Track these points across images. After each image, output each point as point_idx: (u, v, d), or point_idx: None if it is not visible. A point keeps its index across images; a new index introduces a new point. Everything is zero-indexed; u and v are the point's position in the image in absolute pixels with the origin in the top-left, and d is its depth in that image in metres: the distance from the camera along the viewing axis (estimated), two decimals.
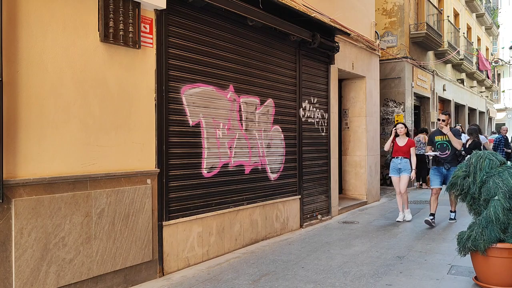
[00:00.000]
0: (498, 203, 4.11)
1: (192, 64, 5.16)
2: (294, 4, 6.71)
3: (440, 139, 7.23)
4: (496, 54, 31.52)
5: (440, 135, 7.25)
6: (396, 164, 7.61)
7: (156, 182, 4.63)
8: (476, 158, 4.44)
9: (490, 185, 4.23)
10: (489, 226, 4.08)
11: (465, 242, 4.20)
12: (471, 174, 4.42)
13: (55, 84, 3.73)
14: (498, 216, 4.07)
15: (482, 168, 4.36)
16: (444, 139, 7.18)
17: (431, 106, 15.34)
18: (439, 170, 7.18)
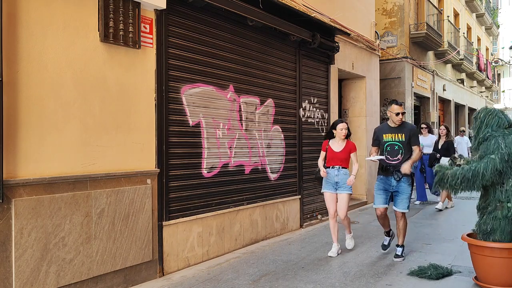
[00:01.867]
0: (491, 161, 3.98)
1: (192, 64, 5.15)
2: (294, 4, 6.71)
3: (391, 139, 5.21)
4: (496, 54, 31.51)
5: (391, 133, 5.24)
6: (332, 176, 5.42)
7: (156, 182, 4.63)
8: (485, 113, 4.25)
9: (491, 143, 4.08)
10: (473, 179, 4.02)
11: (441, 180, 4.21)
12: (475, 129, 4.27)
13: (55, 84, 3.73)
14: (485, 173, 3.96)
15: (489, 124, 4.18)
16: (397, 138, 5.17)
17: (431, 106, 15.34)
18: (386, 182, 5.19)
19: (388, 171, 5.15)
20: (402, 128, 5.19)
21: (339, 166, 5.39)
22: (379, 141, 5.31)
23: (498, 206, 4.10)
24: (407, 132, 5.16)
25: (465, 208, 8.91)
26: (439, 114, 16.99)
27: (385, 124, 5.38)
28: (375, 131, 5.41)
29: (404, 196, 5.13)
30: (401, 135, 5.15)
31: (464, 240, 4.35)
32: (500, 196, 4.08)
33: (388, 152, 5.17)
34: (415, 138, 5.22)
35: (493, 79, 26.85)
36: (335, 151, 5.43)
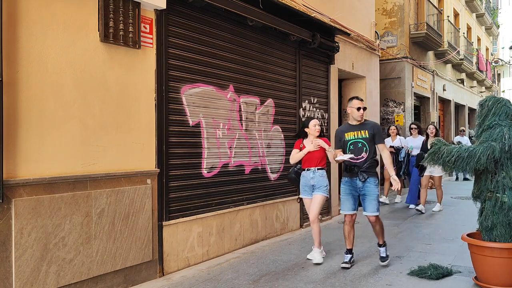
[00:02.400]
0: (490, 147, 3.94)
1: (192, 64, 5.16)
2: (294, 4, 6.71)
3: (353, 137, 4.87)
4: (496, 54, 31.51)
5: (353, 131, 4.89)
6: (307, 179, 5.13)
7: (156, 182, 4.63)
8: (494, 101, 4.19)
9: (496, 131, 4.03)
10: (467, 160, 3.98)
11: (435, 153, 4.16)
12: (480, 116, 4.21)
13: (55, 84, 3.73)
14: (481, 157, 3.92)
15: (496, 113, 4.12)
16: (359, 135, 4.85)
17: (431, 106, 15.34)
18: (352, 184, 4.85)
19: (352, 172, 4.77)
20: (365, 125, 4.91)
21: (315, 168, 5.08)
22: (340, 140, 4.95)
23: (488, 195, 4.11)
24: (370, 128, 4.85)
25: (465, 208, 8.91)
26: (439, 114, 16.99)
27: (346, 124, 5.13)
28: (336, 133, 5.08)
29: (372, 197, 4.77)
30: (364, 132, 4.83)
31: (464, 240, 4.35)
32: (489, 185, 4.08)
33: (351, 151, 4.84)
34: (379, 135, 4.90)
35: (493, 79, 26.86)
36: (311, 151, 5.11)
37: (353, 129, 4.90)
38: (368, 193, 4.79)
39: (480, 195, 4.20)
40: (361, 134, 4.85)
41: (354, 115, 4.90)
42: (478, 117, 4.30)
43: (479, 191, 4.21)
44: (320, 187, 5.10)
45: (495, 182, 4.06)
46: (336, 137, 5.06)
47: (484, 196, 4.15)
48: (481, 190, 4.18)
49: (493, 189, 4.06)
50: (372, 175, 4.79)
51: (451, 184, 14.47)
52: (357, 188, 4.81)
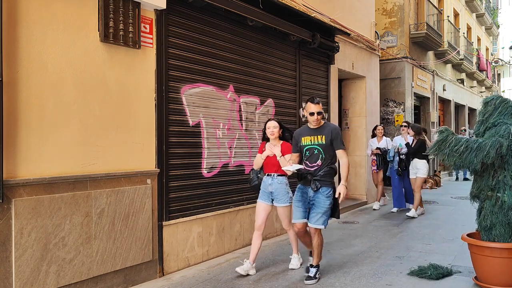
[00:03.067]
0: (498, 142, 3.90)
1: (192, 64, 5.16)
2: (294, 4, 6.71)
3: (309, 142, 4.46)
4: (496, 54, 31.51)
5: (310, 135, 4.47)
6: (266, 185, 4.73)
7: (156, 182, 4.63)
8: (500, 100, 4.20)
9: (501, 128, 4.03)
10: (476, 151, 3.91)
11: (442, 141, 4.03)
12: (485, 113, 4.18)
13: (55, 84, 3.73)
14: (490, 151, 3.86)
15: (502, 112, 4.12)
16: (316, 141, 4.43)
17: (431, 106, 15.34)
18: (304, 191, 4.48)
19: (306, 180, 4.38)
20: (322, 129, 4.44)
21: (274, 174, 4.68)
22: (297, 145, 4.54)
23: (488, 195, 4.10)
24: (327, 133, 4.40)
25: (465, 208, 8.90)
26: (439, 114, 16.99)
27: (305, 126, 4.61)
28: (294, 136, 4.63)
29: (320, 210, 4.33)
30: (321, 137, 4.39)
31: (464, 240, 4.35)
32: (491, 183, 4.07)
33: (307, 158, 4.44)
34: (338, 140, 4.40)
35: (493, 79, 26.86)
36: (270, 156, 4.71)
37: (310, 134, 4.47)
38: (317, 204, 4.35)
39: (480, 194, 4.20)
40: (318, 140, 4.41)
41: (309, 119, 4.46)
42: (481, 115, 4.27)
43: (479, 190, 4.20)
44: (278, 196, 4.67)
45: (496, 180, 4.06)
46: (293, 140, 4.61)
47: (484, 195, 4.15)
48: (480, 189, 4.18)
49: (494, 187, 4.06)
50: (326, 184, 4.33)
51: (451, 184, 14.48)
52: (308, 197, 4.42)
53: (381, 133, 9.03)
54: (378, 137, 9.04)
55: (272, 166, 4.71)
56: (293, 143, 4.60)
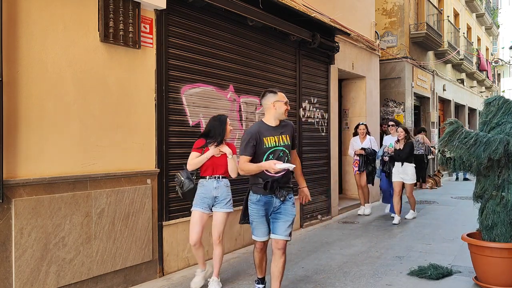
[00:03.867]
0: (505, 140, 3.87)
1: (192, 64, 5.15)
2: (294, 4, 6.71)
3: (274, 143, 3.69)
4: (496, 54, 31.52)
5: (273, 135, 3.70)
6: (210, 189, 4.14)
7: (156, 182, 4.63)
8: (503, 100, 4.20)
9: (506, 127, 4.03)
10: (485, 146, 3.85)
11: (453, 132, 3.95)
12: (489, 113, 4.18)
13: (55, 84, 3.73)
14: (499, 146, 3.82)
15: (506, 112, 4.12)
16: (281, 142, 3.71)
17: (431, 106, 15.34)
18: (267, 203, 3.70)
19: (271, 187, 3.57)
20: (284, 127, 3.75)
21: (218, 176, 4.17)
22: (258, 146, 3.61)
23: (493, 195, 4.09)
24: (289, 132, 3.76)
25: (465, 208, 8.91)
26: (439, 114, 16.99)
27: (261, 123, 3.74)
28: (249, 134, 3.64)
29: (289, 218, 3.67)
30: (285, 137, 3.70)
31: (464, 240, 4.35)
32: (497, 182, 4.06)
33: None
34: (295, 139, 3.90)
35: (493, 79, 26.86)
36: (215, 156, 4.18)
37: (273, 133, 3.66)
38: (284, 212, 3.66)
39: (484, 194, 4.18)
40: (283, 141, 3.68)
41: (279, 111, 3.65)
42: (484, 115, 4.25)
43: (483, 190, 4.19)
44: (223, 200, 4.18)
45: (502, 179, 4.05)
46: (247, 138, 3.61)
47: (488, 195, 4.14)
48: (484, 189, 4.16)
49: (500, 186, 4.05)
50: (290, 190, 3.73)
51: (451, 184, 14.48)
52: (272, 208, 3.67)
53: (363, 132, 8.34)
54: (360, 136, 8.36)
55: (219, 167, 4.17)
56: (247, 142, 3.58)
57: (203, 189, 4.16)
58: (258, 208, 3.68)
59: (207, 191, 4.15)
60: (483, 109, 4.34)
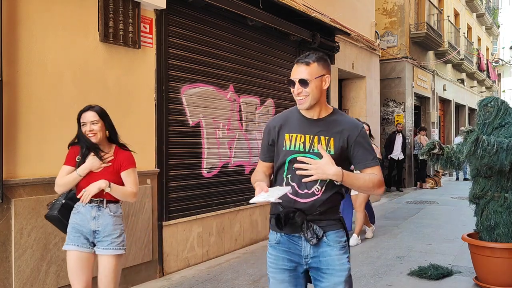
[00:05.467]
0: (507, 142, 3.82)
1: (192, 64, 5.15)
2: (294, 4, 6.71)
3: (300, 147, 2.12)
4: (496, 54, 31.51)
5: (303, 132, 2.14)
6: (86, 220, 2.84)
7: (156, 182, 4.63)
8: (501, 100, 4.19)
9: (508, 129, 4.01)
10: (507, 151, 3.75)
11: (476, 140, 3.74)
12: (490, 114, 4.15)
13: (55, 84, 3.73)
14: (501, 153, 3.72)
15: (507, 112, 4.11)
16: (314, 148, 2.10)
17: (432, 106, 15.33)
18: (291, 247, 2.14)
19: (292, 224, 2.08)
20: (330, 123, 2.15)
21: (101, 200, 2.83)
22: (273, 151, 2.22)
23: (495, 196, 4.08)
24: (341, 134, 2.13)
25: (465, 208, 8.89)
26: (439, 114, 16.99)
27: (294, 112, 2.22)
28: (267, 126, 2.28)
29: (338, 276, 2.17)
30: (325, 140, 2.12)
31: (465, 240, 4.35)
32: (505, 184, 4.03)
33: (292, 178, 2.13)
34: (364, 149, 2.15)
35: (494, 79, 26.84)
36: (93, 171, 2.84)
37: (305, 129, 2.15)
38: (328, 266, 2.13)
39: (485, 195, 4.16)
40: (317, 145, 2.10)
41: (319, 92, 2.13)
42: (482, 116, 4.23)
43: (483, 191, 4.17)
44: (108, 237, 2.83)
45: (511, 181, 4.03)
46: (264, 133, 2.29)
47: (490, 196, 4.12)
48: (485, 190, 4.15)
49: (508, 187, 4.03)
50: (333, 226, 2.14)
51: (451, 184, 14.47)
52: (302, 257, 2.14)
53: None
54: None
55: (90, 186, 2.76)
56: (263, 142, 2.29)
57: (78, 216, 2.84)
58: (277, 256, 2.15)
59: (83, 220, 2.82)
60: (479, 111, 4.33)
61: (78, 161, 2.87)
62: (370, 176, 2.10)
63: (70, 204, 2.90)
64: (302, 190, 2.11)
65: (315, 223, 2.10)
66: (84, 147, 2.88)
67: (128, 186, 2.93)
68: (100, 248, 2.85)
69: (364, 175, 2.11)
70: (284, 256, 2.15)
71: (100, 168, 2.87)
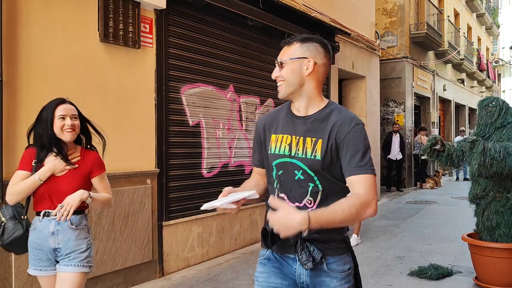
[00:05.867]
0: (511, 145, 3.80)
1: (192, 64, 5.15)
2: (294, 4, 6.71)
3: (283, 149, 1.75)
4: (496, 54, 31.52)
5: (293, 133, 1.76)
6: (45, 236, 2.38)
7: (156, 182, 4.63)
8: (502, 100, 4.19)
9: (511, 130, 4.01)
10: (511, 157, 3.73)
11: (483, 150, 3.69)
12: (492, 114, 4.14)
13: (55, 84, 3.72)
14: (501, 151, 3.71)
15: (508, 112, 4.10)
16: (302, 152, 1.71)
17: (432, 106, 15.33)
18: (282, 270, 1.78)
19: (283, 243, 1.70)
20: (323, 122, 1.73)
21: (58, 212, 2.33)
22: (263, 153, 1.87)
23: (497, 196, 4.07)
24: (330, 135, 1.70)
25: (465, 208, 8.89)
26: (440, 114, 16.99)
27: (287, 108, 1.85)
28: (256, 126, 1.94)
29: None
30: (311, 141, 1.72)
31: (465, 241, 4.35)
32: (507, 184, 4.03)
33: (280, 188, 1.78)
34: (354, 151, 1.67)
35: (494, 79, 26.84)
36: (56, 175, 2.41)
37: (291, 129, 1.79)
38: None
39: (486, 195, 4.16)
40: (304, 149, 1.72)
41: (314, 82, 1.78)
42: (484, 117, 4.22)
43: (485, 192, 4.17)
44: (71, 253, 2.40)
45: None
46: (256, 135, 1.94)
47: (491, 196, 4.11)
48: (487, 191, 4.14)
49: (510, 188, 4.03)
50: (335, 251, 1.76)
51: (451, 184, 14.47)
52: (297, 283, 1.78)
53: None
54: None
55: (62, 196, 2.37)
56: (254, 141, 1.95)
57: (35, 234, 2.41)
58: (267, 273, 1.80)
59: (40, 238, 2.39)
60: (480, 111, 4.32)
61: (35, 165, 2.39)
62: (348, 202, 1.58)
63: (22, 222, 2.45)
64: (293, 202, 1.73)
65: (312, 244, 1.69)
66: (44, 148, 2.41)
67: (103, 193, 2.60)
68: (61, 264, 2.40)
69: (341, 204, 1.57)
70: (276, 273, 1.78)
71: (64, 171, 2.42)
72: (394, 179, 12.24)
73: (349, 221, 1.65)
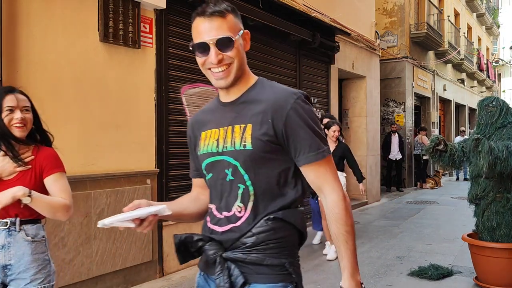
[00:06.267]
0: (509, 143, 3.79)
1: (192, 64, 5.14)
2: (294, 4, 6.71)
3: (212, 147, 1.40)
4: (496, 54, 31.52)
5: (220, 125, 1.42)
6: None
7: (156, 182, 4.63)
8: (502, 100, 4.19)
9: (511, 130, 4.00)
10: None
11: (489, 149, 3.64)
12: (492, 114, 4.13)
13: (55, 84, 3.72)
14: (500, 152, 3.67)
15: (509, 112, 4.10)
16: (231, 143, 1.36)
17: (432, 106, 15.33)
18: None
19: (207, 259, 1.41)
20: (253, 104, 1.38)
21: (10, 221, 1.98)
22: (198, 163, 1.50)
23: (498, 196, 4.07)
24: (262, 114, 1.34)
25: (465, 208, 8.88)
26: (440, 114, 16.99)
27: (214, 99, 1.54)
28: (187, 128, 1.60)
29: None
30: (240, 128, 1.36)
31: (465, 241, 4.34)
32: (508, 185, 4.02)
33: (211, 194, 1.47)
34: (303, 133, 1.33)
35: (493, 79, 26.85)
36: (3, 179, 2.03)
37: (218, 118, 1.45)
38: None
39: (486, 196, 4.15)
40: (233, 139, 1.36)
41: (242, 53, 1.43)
42: (484, 117, 4.21)
43: (485, 192, 4.16)
44: (26, 273, 1.98)
45: None
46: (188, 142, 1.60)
47: (491, 196, 4.10)
48: (487, 191, 4.14)
49: (511, 188, 4.02)
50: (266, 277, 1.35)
51: (451, 184, 14.47)
52: None
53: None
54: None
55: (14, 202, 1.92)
56: (190, 149, 1.60)
57: None
58: None
59: None
60: (480, 111, 4.32)
61: None
62: None
63: None
64: (220, 212, 1.39)
65: (236, 265, 1.32)
66: None
67: (56, 196, 2.03)
68: (14, 286, 1.96)
69: None
70: None
71: (14, 174, 2.01)
72: (394, 179, 12.24)
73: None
